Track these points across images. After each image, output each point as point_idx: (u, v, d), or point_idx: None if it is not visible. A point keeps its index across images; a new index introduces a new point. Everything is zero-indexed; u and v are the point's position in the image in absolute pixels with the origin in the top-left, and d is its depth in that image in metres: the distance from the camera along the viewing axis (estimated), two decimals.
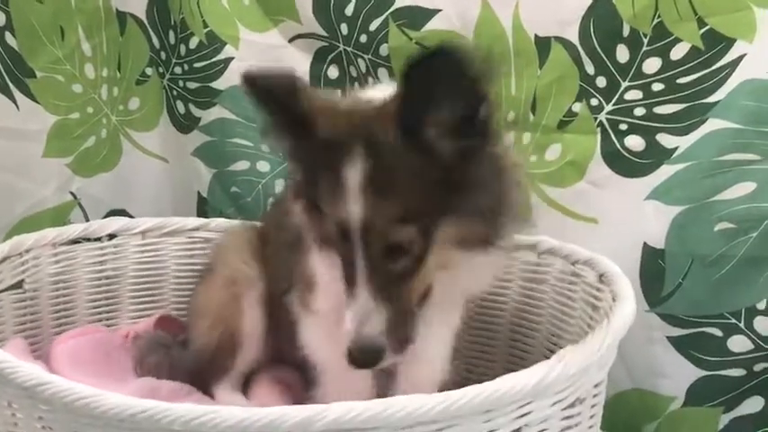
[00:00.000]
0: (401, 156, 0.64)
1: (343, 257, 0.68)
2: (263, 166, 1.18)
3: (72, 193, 1.18)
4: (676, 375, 0.98)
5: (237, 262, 0.92)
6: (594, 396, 0.73)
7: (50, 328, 1.00)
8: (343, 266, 0.67)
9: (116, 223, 1.07)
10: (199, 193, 1.24)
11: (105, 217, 1.22)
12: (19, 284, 0.95)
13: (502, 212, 0.69)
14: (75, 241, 1.03)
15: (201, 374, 0.93)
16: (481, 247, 0.68)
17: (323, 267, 0.74)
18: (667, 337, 0.97)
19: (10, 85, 1.08)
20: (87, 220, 1.20)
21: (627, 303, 0.73)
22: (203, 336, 0.92)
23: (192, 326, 0.96)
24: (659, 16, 0.92)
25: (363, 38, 1.07)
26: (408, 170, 0.64)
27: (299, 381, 0.91)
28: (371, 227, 0.64)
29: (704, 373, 0.97)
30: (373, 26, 1.06)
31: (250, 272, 0.90)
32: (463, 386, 0.61)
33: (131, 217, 1.24)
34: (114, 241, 1.07)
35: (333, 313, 0.71)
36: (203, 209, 1.24)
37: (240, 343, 0.90)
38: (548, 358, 0.91)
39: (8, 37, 1.07)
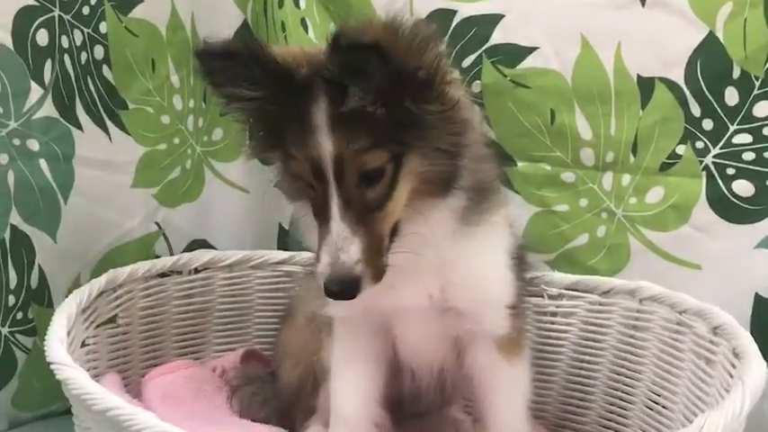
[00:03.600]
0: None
1: (316, 197, 0.68)
2: None
3: (157, 224, 1.18)
4: None
5: (315, 302, 0.88)
6: None
7: (140, 362, 1.01)
8: (317, 205, 0.68)
9: (204, 256, 1.07)
10: (280, 224, 1.24)
11: (187, 247, 1.21)
12: (113, 319, 0.95)
13: (459, 153, 0.70)
14: (164, 274, 1.04)
15: (291, 412, 0.92)
16: (443, 186, 0.69)
17: None
18: None
19: (104, 116, 1.09)
20: (171, 250, 1.20)
21: (756, 363, 0.70)
22: (287, 375, 0.92)
23: (278, 367, 0.95)
24: None
25: (455, 74, 1.05)
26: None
27: (387, 420, 0.90)
28: (343, 156, 0.66)
29: None
30: (467, 62, 1.04)
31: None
32: None
33: (213, 247, 1.24)
34: (202, 274, 1.07)
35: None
36: (284, 240, 1.23)
37: (320, 378, 0.88)
38: (650, 408, 0.91)
39: (105, 70, 1.08)
